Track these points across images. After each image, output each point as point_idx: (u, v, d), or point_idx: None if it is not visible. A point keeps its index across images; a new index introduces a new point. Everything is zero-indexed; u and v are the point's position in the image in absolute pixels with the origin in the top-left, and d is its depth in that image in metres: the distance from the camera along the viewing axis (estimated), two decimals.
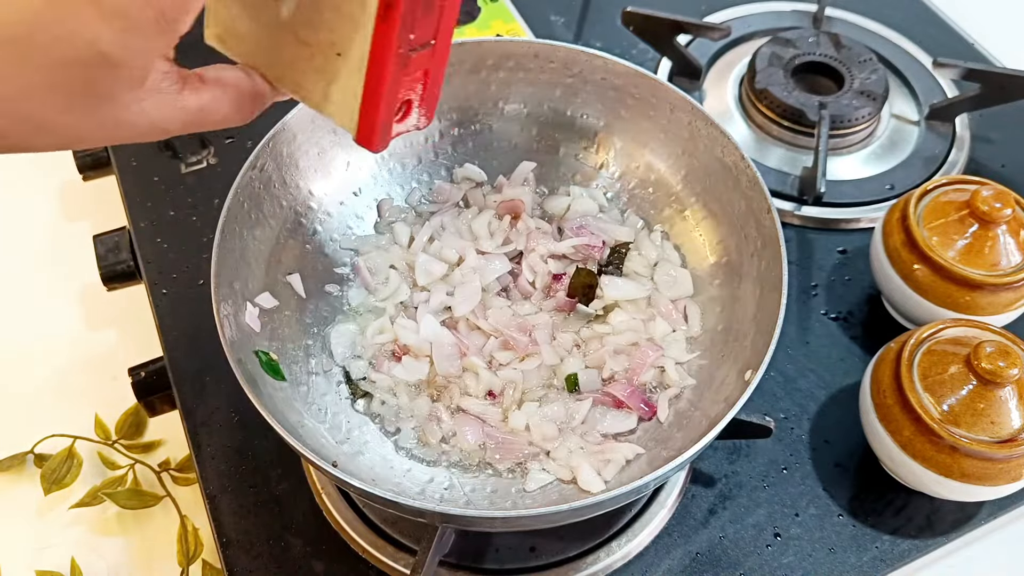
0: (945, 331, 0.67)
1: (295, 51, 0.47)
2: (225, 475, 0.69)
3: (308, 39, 0.46)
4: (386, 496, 0.51)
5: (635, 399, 0.65)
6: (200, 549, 0.71)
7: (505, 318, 0.70)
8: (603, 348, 0.68)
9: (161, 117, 0.42)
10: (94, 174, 0.93)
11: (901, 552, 0.68)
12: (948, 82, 1.00)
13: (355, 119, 0.47)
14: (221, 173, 0.89)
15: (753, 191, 0.66)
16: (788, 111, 0.92)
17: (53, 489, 0.74)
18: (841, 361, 0.78)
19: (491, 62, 0.75)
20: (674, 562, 0.67)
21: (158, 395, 0.75)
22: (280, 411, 0.58)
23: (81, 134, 0.41)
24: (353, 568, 0.66)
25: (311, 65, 0.47)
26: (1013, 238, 0.72)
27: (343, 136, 0.73)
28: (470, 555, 0.66)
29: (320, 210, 0.72)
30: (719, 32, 0.94)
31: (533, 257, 0.73)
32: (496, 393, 0.67)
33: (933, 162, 0.92)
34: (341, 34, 0.45)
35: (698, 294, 0.72)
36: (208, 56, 0.48)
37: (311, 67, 0.47)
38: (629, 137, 0.76)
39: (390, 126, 0.49)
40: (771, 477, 0.71)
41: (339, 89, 0.47)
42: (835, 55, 0.96)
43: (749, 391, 0.55)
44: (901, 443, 0.64)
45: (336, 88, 0.47)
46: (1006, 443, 0.62)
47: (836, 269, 0.84)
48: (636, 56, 1.01)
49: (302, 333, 0.68)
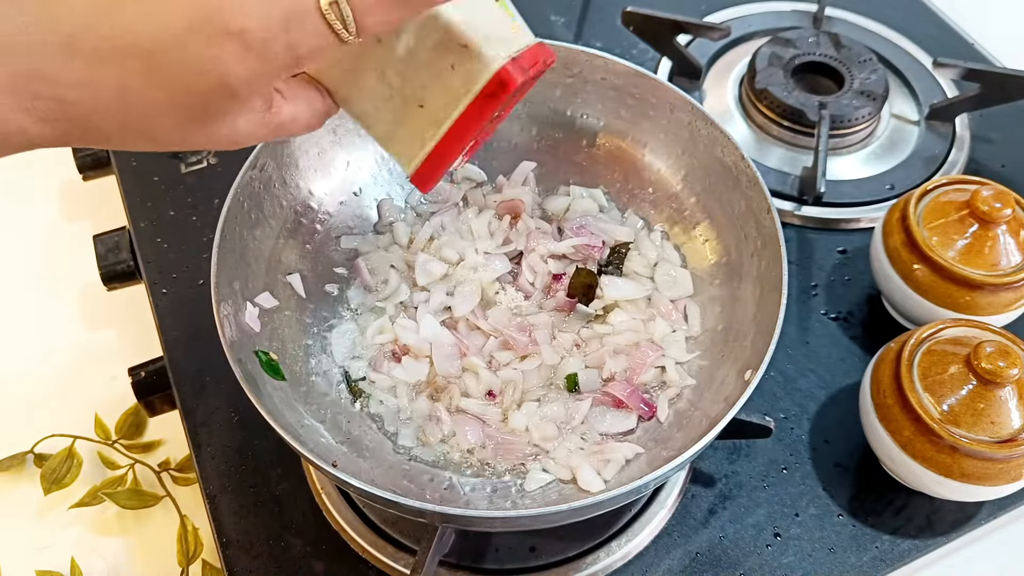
0: (945, 331, 0.67)
1: (375, 86, 0.48)
2: (225, 475, 0.69)
3: (393, 83, 0.48)
4: (386, 496, 0.52)
5: (635, 399, 0.65)
6: (200, 549, 0.71)
7: (505, 318, 0.70)
8: (603, 348, 0.68)
9: (250, 132, 0.43)
10: (94, 174, 0.93)
11: (901, 552, 0.68)
12: (948, 82, 1.00)
13: (417, 163, 0.50)
14: (221, 173, 0.89)
15: (753, 191, 0.66)
16: (788, 111, 0.92)
17: (53, 489, 0.74)
18: (841, 361, 0.78)
19: None
20: (674, 562, 0.67)
21: (158, 395, 0.75)
22: (280, 411, 0.58)
23: (181, 144, 0.42)
24: (353, 568, 0.66)
25: (387, 104, 0.49)
26: (1013, 238, 0.72)
27: (343, 136, 0.73)
28: (470, 555, 0.66)
29: (320, 210, 0.72)
30: (719, 32, 0.94)
31: (533, 257, 0.73)
32: (496, 393, 0.67)
33: (933, 162, 0.92)
34: (431, 94, 0.47)
35: (698, 294, 0.72)
36: None
37: (386, 105, 0.49)
38: (629, 137, 0.76)
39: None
40: (771, 477, 0.71)
41: (408, 133, 0.49)
42: (835, 55, 0.96)
43: (749, 391, 0.55)
44: (901, 443, 0.64)
45: (405, 131, 0.49)
46: (1006, 443, 0.62)
47: (836, 269, 0.84)
48: (636, 56, 1.01)
49: (302, 333, 0.68)
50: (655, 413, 0.65)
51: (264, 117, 0.44)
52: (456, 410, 0.66)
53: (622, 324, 0.70)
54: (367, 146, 0.74)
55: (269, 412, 0.54)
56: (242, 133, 0.43)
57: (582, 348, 0.69)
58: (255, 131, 0.44)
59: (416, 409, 0.66)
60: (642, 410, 0.65)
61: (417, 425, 0.66)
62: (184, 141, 0.42)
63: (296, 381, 0.64)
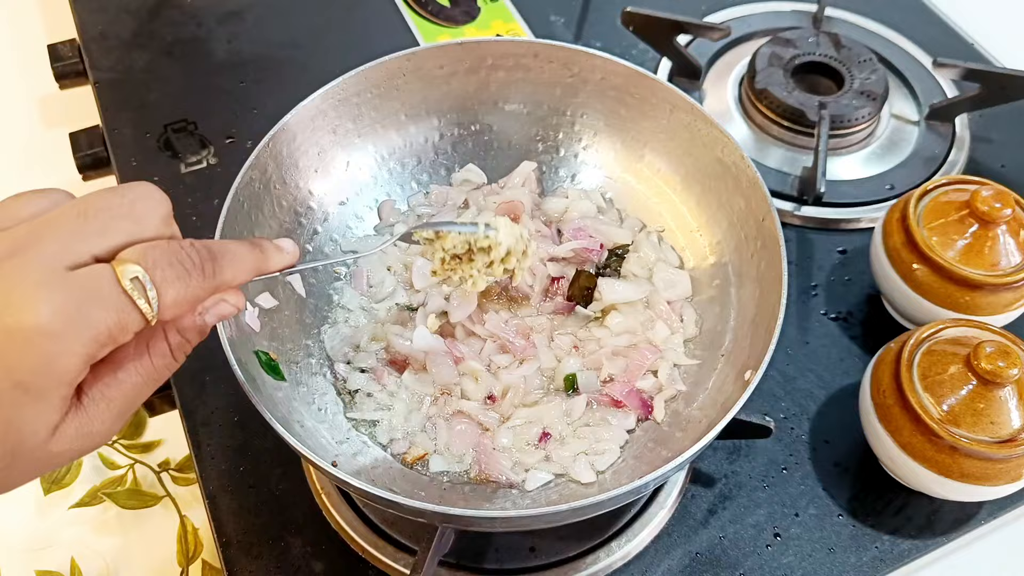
0: (945, 331, 0.67)
1: None
2: (225, 475, 0.69)
3: None
4: (386, 496, 0.51)
5: (633, 399, 0.65)
6: (200, 549, 0.71)
7: (501, 322, 0.69)
8: (600, 350, 0.68)
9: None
10: (94, 174, 0.93)
11: (901, 552, 0.68)
12: (948, 82, 1.00)
13: None
14: (221, 173, 0.89)
15: (753, 191, 0.66)
16: (788, 111, 0.92)
17: (53, 489, 0.74)
18: (841, 361, 0.78)
19: (491, 62, 0.75)
20: (674, 562, 0.67)
21: (158, 395, 0.75)
22: (280, 411, 0.58)
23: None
24: (353, 568, 0.66)
25: None
26: (1013, 238, 0.72)
27: (343, 136, 0.73)
28: (470, 555, 0.66)
29: (320, 210, 0.72)
30: (719, 32, 0.94)
31: (532, 260, 0.73)
32: (496, 397, 0.66)
33: (933, 162, 0.92)
34: None
35: (697, 295, 0.72)
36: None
37: None
38: (629, 137, 0.76)
39: None
40: (771, 477, 0.71)
41: None
42: (835, 55, 0.96)
43: (749, 391, 0.55)
44: (901, 443, 0.64)
45: None
46: (1006, 443, 0.62)
47: (836, 269, 0.84)
48: (636, 56, 1.01)
49: (302, 333, 0.68)
50: (652, 412, 0.65)
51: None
52: (455, 413, 0.66)
53: (619, 326, 0.69)
54: (367, 146, 0.75)
55: (269, 412, 0.54)
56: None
57: (580, 350, 0.69)
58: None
59: (409, 423, 0.65)
60: (640, 410, 0.65)
61: (405, 436, 0.65)
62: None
63: (296, 381, 0.64)
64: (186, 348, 0.46)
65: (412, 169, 0.77)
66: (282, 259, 0.50)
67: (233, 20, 1.04)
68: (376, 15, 1.05)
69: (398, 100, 0.74)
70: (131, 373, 0.43)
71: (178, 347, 0.45)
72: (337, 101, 0.71)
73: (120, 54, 1.00)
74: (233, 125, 0.93)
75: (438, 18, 1.05)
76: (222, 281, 0.45)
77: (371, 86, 0.72)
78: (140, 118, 0.94)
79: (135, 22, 1.03)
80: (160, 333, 0.45)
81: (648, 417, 0.66)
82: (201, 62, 1.00)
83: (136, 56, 1.00)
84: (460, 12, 1.06)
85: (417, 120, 0.76)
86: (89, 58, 0.99)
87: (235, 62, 1.00)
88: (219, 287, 0.45)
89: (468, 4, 1.06)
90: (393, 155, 0.76)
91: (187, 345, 0.46)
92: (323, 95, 0.70)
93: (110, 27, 1.03)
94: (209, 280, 0.44)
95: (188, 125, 0.93)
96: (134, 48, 1.01)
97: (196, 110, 0.95)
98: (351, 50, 1.01)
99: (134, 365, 0.43)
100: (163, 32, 1.02)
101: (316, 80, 0.70)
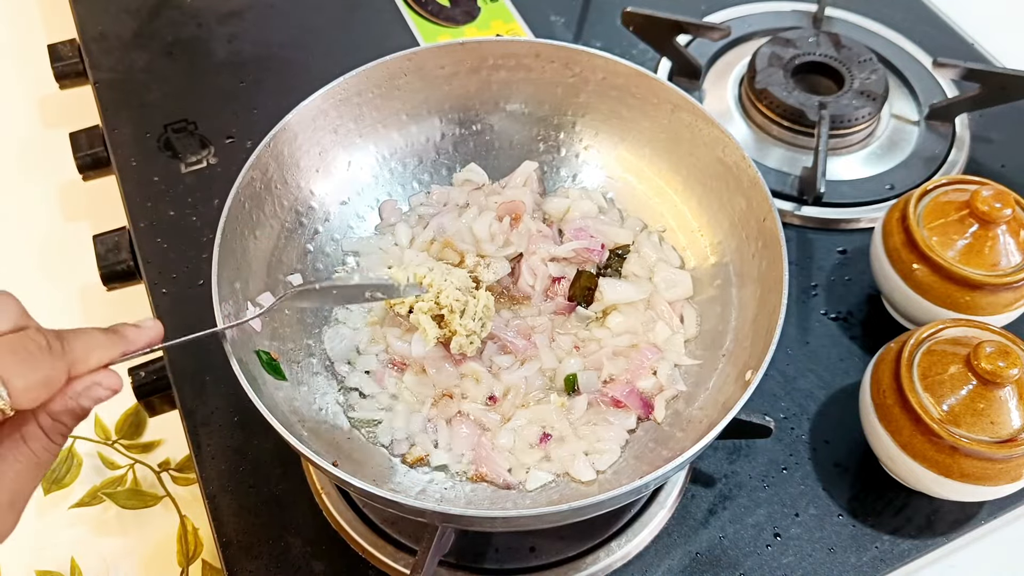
0: (945, 331, 0.67)
1: None
2: (225, 475, 0.69)
3: None
4: (386, 496, 0.51)
5: (633, 399, 0.65)
6: (200, 549, 0.71)
7: (503, 323, 0.69)
8: (601, 350, 0.68)
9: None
10: (94, 174, 0.93)
11: (901, 552, 0.68)
12: (948, 82, 1.00)
13: None
14: (221, 173, 0.89)
15: (754, 191, 0.66)
16: (788, 111, 0.92)
17: (53, 489, 0.74)
18: (841, 361, 0.78)
19: (492, 62, 0.75)
20: (674, 562, 0.67)
21: (158, 395, 0.75)
22: (280, 411, 0.58)
23: None
24: (353, 568, 0.66)
25: None
26: (1013, 238, 0.72)
27: (344, 136, 0.73)
28: (470, 555, 0.66)
29: (321, 210, 0.72)
30: (719, 32, 0.94)
31: (533, 260, 0.73)
32: (497, 397, 0.66)
33: (933, 162, 0.92)
34: None
35: (698, 295, 0.72)
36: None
37: None
38: (631, 137, 0.76)
39: None
40: (771, 477, 0.71)
41: None
42: (835, 55, 0.96)
43: (749, 391, 0.55)
44: (901, 443, 0.64)
45: None
46: (1006, 443, 0.62)
47: (836, 269, 0.84)
48: (636, 56, 1.01)
49: (302, 333, 0.68)
50: (653, 413, 0.65)
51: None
52: (456, 414, 0.66)
53: (620, 326, 0.69)
54: (368, 146, 0.75)
55: (269, 412, 0.54)
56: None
57: (581, 350, 0.69)
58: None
59: (411, 425, 0.65)
60: (641, 410, 0.65)
61: (406, 437, 0.65)
62: None
63: (296, 381, 0.64)
64: (63, 430, 0.46)
65: (413, 169, 0.77)
66: (145, 336, 0.51)
67: (233, 20, 1.04)
68: (376, 15, 1.05)
69: (399, 100, 0.74)
70: (10, 462, 0.44)
71: (53, 430, 0.46)
72: (338, 101, 0.71)
73: (120, 54, 1.00)
74: (233, 125, 0.93)
75: (438, 18, 1.05)
76: (75, 358, 0.45)
77: (372, 86, 0.72)
78: (140, 118, 0.94)
79: (135, 22, 1.03)
80: (31, 419, 0.45)
81: (649, 417, 0.66)
82: (201, 62, 1.00)
83: (136, 56, 1.00)
84: (460, 12, 1.06)
85: (418, 120, 0.76)
86: (89, 58, 0.99)
87: (235, 62, 1.00)
88: (74, 364, 0.45)
89: (468, 4, 1.06)
90: (394, 155, 0.76)
91: (64, 427, 0.46)
92: (324, 95, 0.70)
93: (110, 27, 1.03)
94: (59, 358, 0.44)
95: (188, 125, 0.93)
96: (134, 48, 1.01)
97: (196, 110, 0.95)
98: (351, 50, 1.01)
99: (11, 454, 0.44)
100: (163, 32, 1.02)
101: (316, 80, 0.70)
